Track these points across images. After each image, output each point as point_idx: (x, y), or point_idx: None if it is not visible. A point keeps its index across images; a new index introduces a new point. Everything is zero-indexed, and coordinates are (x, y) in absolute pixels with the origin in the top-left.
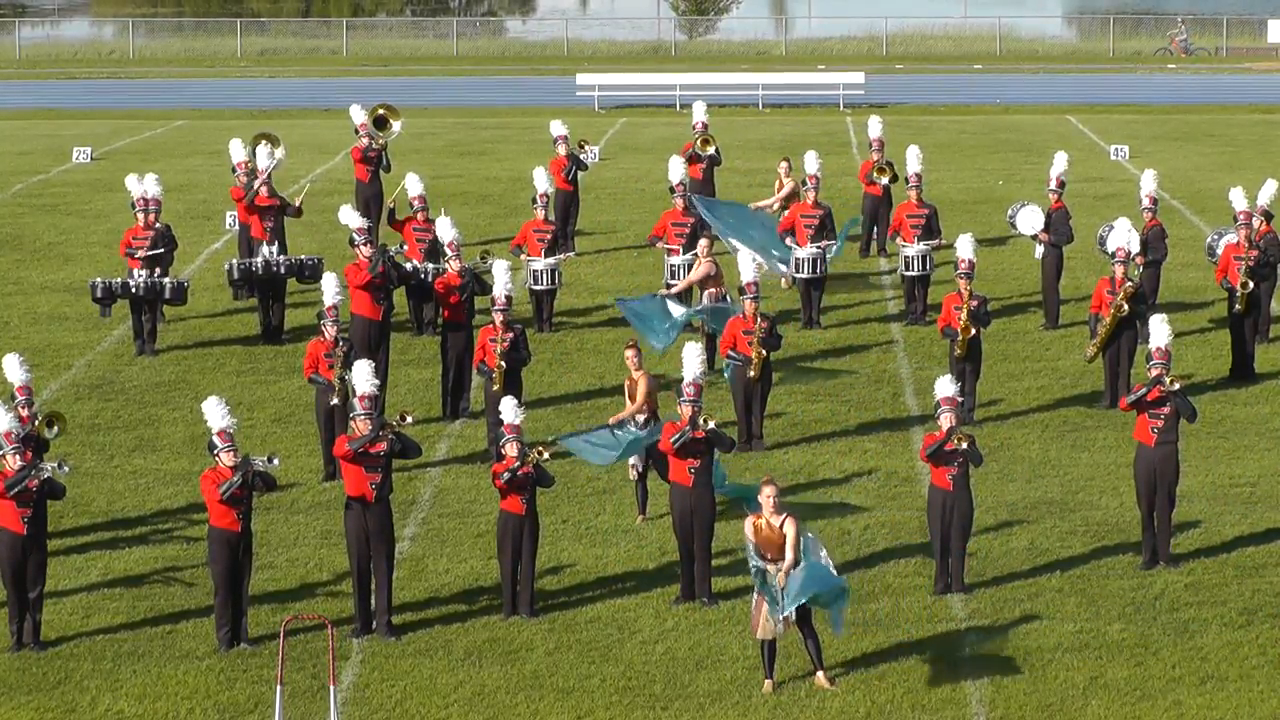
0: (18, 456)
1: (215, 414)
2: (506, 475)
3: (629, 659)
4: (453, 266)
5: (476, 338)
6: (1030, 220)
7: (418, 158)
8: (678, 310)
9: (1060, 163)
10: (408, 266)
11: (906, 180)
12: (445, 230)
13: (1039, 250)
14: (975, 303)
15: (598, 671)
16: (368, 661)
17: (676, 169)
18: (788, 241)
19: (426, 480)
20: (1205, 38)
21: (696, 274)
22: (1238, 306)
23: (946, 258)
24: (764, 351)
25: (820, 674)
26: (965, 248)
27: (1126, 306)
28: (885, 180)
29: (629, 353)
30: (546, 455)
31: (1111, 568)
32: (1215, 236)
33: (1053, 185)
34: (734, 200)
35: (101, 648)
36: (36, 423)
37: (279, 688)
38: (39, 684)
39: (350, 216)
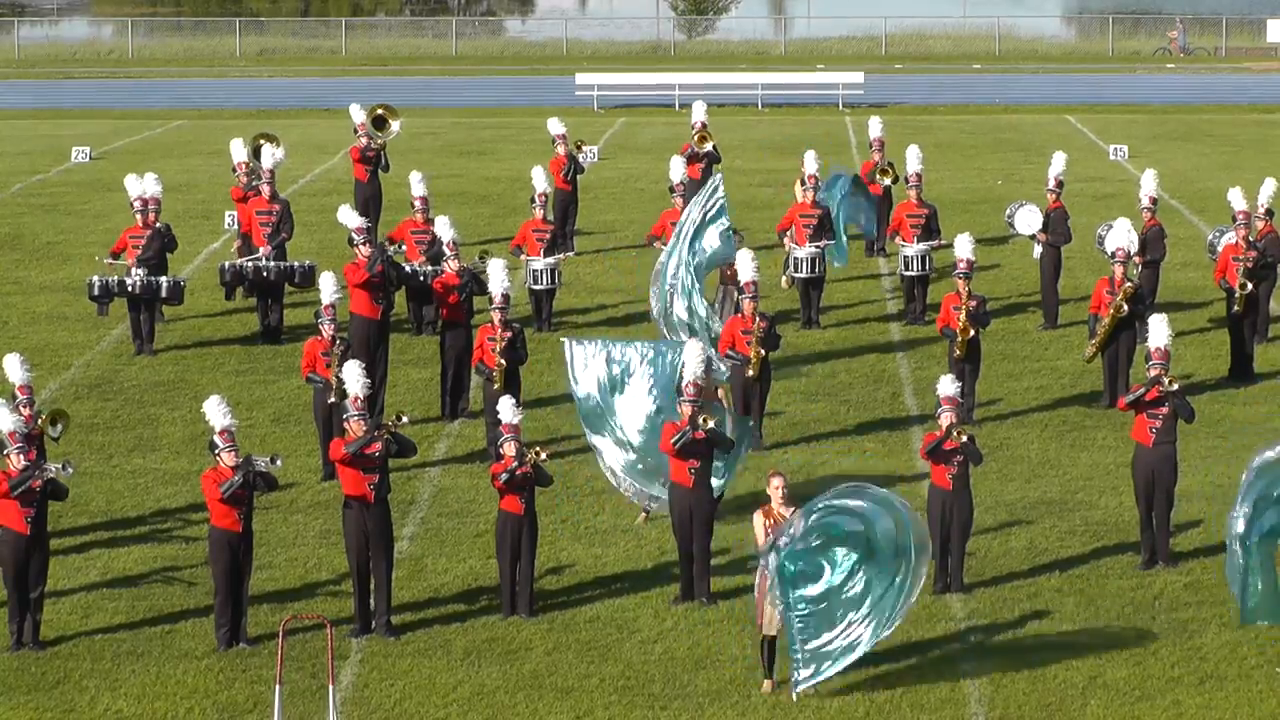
0: (22, 456)
1: (217, 413)
2: (505, 475)
3: (628, 659)
4: (451, 266)
5: (475, 337)
6: (1028, 220)
7: (417, 157)
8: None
9: (1059, 163)
10: (406, 267)
11: (906, 180)
12: (444, 230)
13: (1037, 250)
14: (974, 303)
15: (597, 671)
16: (367, 661)
17: (677, 169)
18: (788, 241)
19: (426, 480)
20: (1204, 37)
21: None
22: (1236, 307)
23: (946, 258)
24: (762, 351)
25: (766, 681)
26: (964, 248)
27: (1126, 307)
28: (887, 181)
29: None
30: (545, 455)
31: (1111, 567)
32: (1216, 234)
33: (1051, 185)
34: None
35: (101, 647)
36: (40, 420)
37: (278, 687)
38: (38, 683)
39: (349, 216)
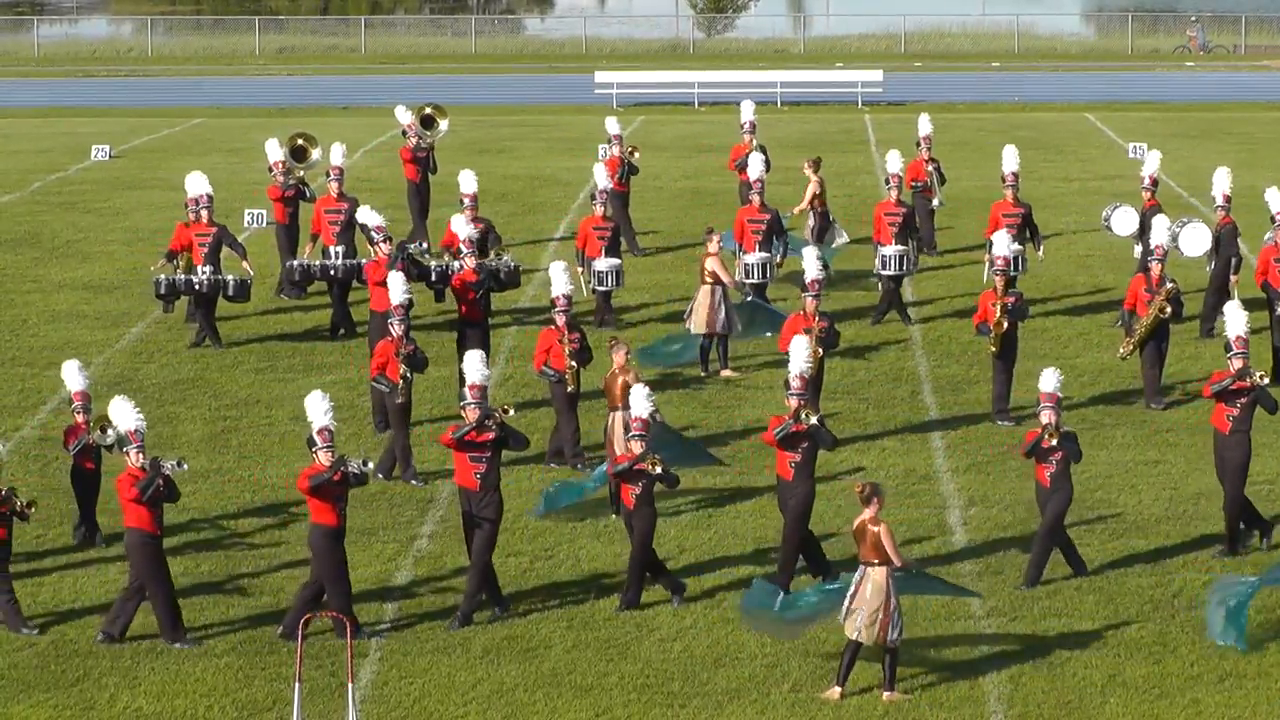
0: (142, 454)
1: (317, 411)
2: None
3: (647, 657)
4: (468, 264)
5: (537, 341)
6: (1125, 222)
7: (438, 154)
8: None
9: (1152, 161)
10: (431, 264)
11: (1002, 179)
12: (461, 228)
13: (1138, 250)
14: (1011, 299)
15: (615, 669)
16: (386, 659)
17: (756, 165)
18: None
19: (445, 478)
20: (1223, 35)
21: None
22: (1279, 311)
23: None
24: (820, 350)
25: (837, 688)
26: (1001, 245)
27: (1169, 308)
28: (924, 184)
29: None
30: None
31: (1130, 565)
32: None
33: (1145, 183)
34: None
35: (120, 645)
36: (91, 429)
37: (297, 685)
38: (57, 681)
39: (368, 215)
